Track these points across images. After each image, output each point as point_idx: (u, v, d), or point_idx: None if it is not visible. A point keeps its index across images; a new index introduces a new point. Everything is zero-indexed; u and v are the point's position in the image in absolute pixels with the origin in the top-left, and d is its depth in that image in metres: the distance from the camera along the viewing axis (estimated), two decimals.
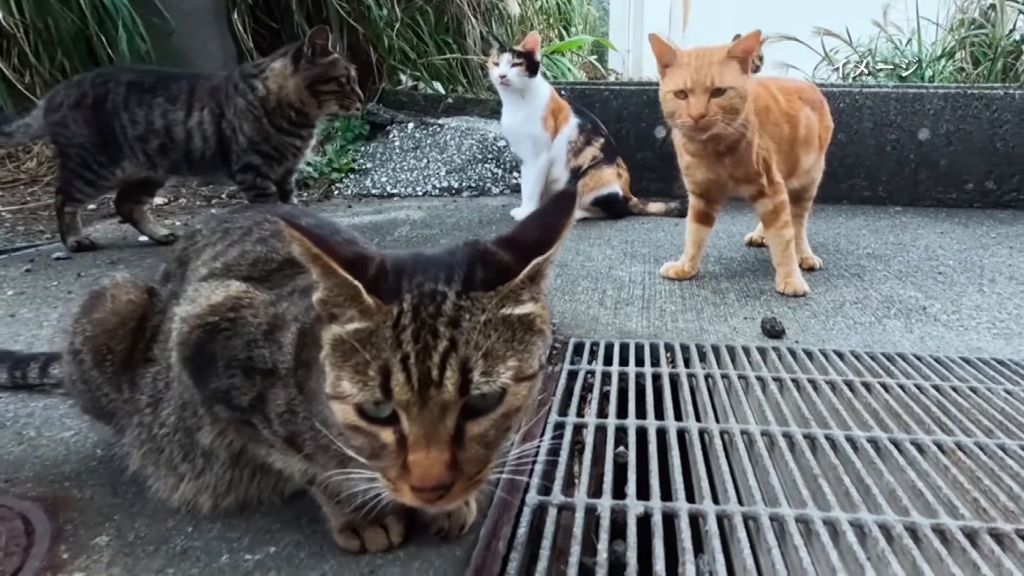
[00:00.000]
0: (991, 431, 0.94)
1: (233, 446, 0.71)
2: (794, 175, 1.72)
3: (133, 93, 1.93)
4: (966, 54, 3.39)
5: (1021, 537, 0.71)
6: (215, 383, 0.64)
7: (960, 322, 1.44)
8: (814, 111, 1.73)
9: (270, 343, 0.61)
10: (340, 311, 0.49)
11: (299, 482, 0.69)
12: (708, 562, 0.69)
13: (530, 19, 4.59)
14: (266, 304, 0.64)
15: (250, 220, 0.78)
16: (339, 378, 0.48)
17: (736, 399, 1.04)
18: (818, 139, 1.76)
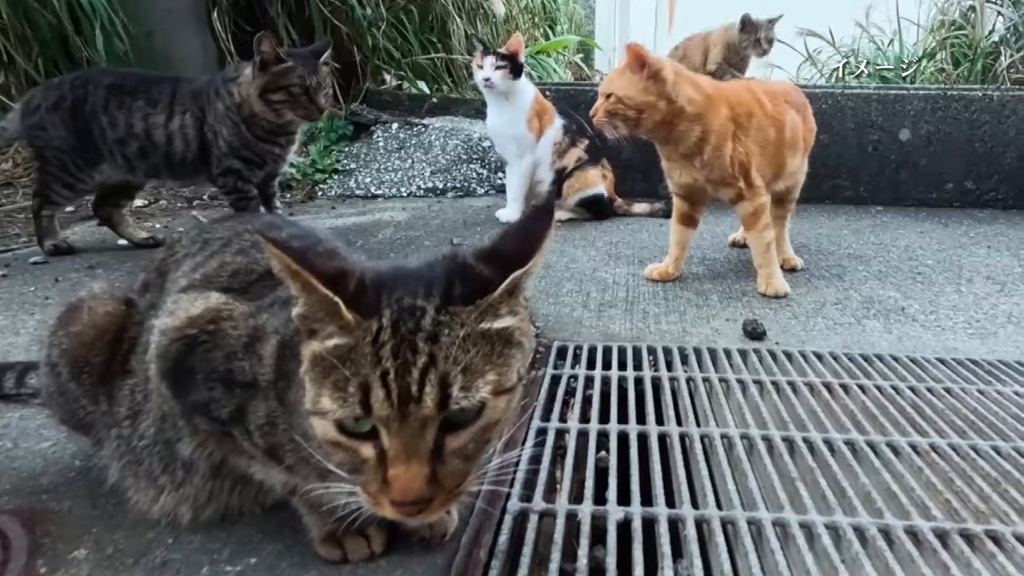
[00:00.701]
0: (964, 432, 0.97)
1: (213, 457, 0.71)
2: (780, 177, 1.75)
3: (113, 96, 1.91)
4: (946, 55, 3.44)
5: (991, 537, 0.73)
6: (195, 396, 0.64)
7: (937, 322, 1.47)
8: (798, 113, 1.76)
9: (250, 355, 0.61)
10: (320, 326, 0.50)
11: (280, 493, 0.70)
12: (687, 567, 0.70)
13: (515, 19, 4.60)
14: (246, 316, 0.64)
15: (230, 231, 0.78)
16: (319, 394, 0.49)
17: (717, 403, 1.06)
18: (802, 141, 1.79)
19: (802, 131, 1.78)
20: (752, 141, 1.61)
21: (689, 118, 1.53)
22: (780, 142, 1.68)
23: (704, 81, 1.62)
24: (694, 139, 1.55)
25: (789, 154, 1.73)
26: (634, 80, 1.50)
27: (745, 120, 1.60)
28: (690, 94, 1.52)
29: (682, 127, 1.54)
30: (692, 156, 1.58)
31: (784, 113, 1.70)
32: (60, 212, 2.08)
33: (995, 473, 0.86)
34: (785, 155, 1.72)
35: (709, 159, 1.56)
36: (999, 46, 3.28)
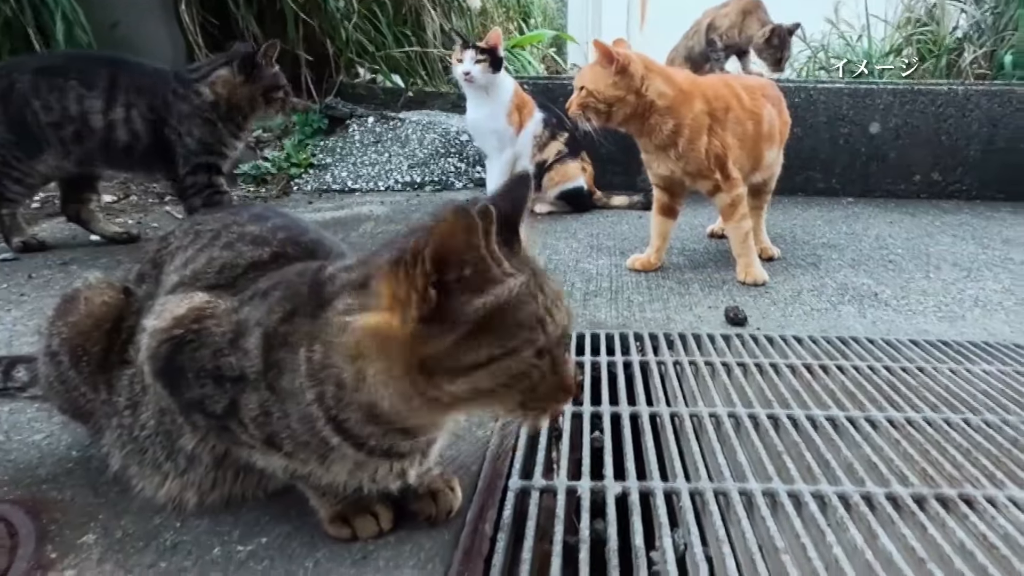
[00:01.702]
0: (937, 407, 1.03)
1: (216, 450, 0.72)
2: (757, 169, 1.81)
3: (42, 79, 1.85)
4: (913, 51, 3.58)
5: (964, 500, 0.79)
6: (188, 394, 0.66)
7: (908, 307, 1.55)
8: (774, 107, 1.82)
9: (236, 350, 0.63)
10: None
11: (283, 478, 0.72)
12: (683, 535, 0.74)
13: (490, 12, 4.62)
14: (228, 312, 0.66)
15: (219, 222, 0.79)
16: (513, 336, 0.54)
17: (704, 384, 1.11)
18: (778, 134, 1.85)
19: (778, 124, 1.84)
20: (729, 134, 1.66)
21: (661, 111, 1.58)
22: (758, 135, 1.74)
23: (679, 75, 1.66)
24: (667, 132, 1.60)
25: (766, 147, 1.79)
26: (603, 74, 1.56)
27: (722, 114, 1.65)
28: (661, 88, 1.57)
29: (654, 120, 1.59)
30: (667, 148, 1.63)
31: (761, 107, 1.75)
32: (21, 208, 2.03)
33: (966, 443, 0.92)
34: (762, 148, 1.77)
35: (684, 151, 1.62)
36: (962, 42, 3.42)
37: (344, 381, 0.58)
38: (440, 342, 0.52)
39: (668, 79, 1.60)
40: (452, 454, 0.87)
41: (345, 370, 0.58)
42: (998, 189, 2.88)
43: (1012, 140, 2.83)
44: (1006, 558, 0.69)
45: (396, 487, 0.69)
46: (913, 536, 0.72)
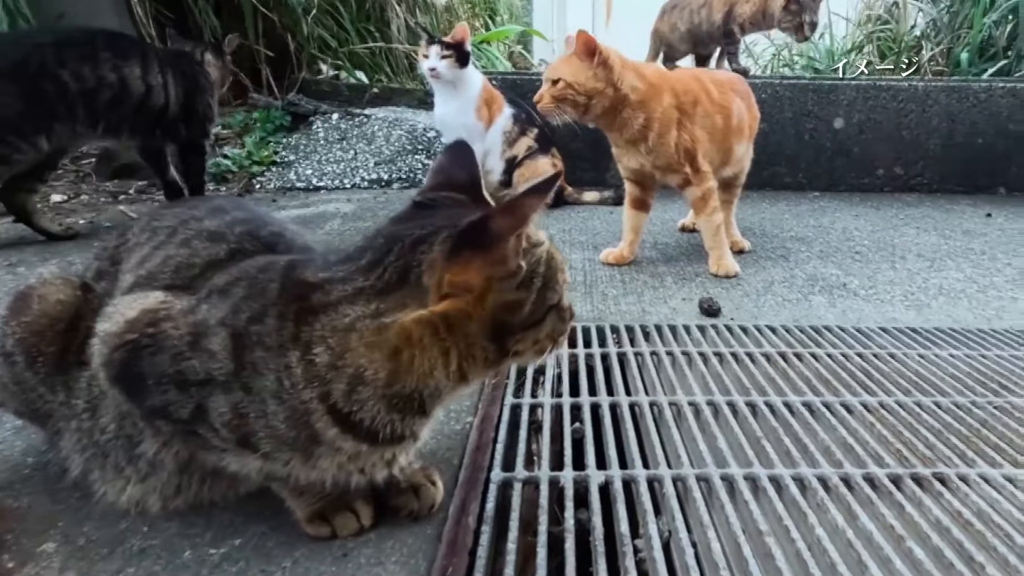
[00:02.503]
0: (908, 391, 1.06)
1: (180, 455, 0.70)
2: (727, 164, 1.84)
3: (67, 50, 1.90)
4: (873, 48, 3.69)
5: (938, 479, 0.81)
6: (150, 400, 0.63)
7: (876, 296, 1.59)
8: (743, 102, 1.86)
9: (198, 352, 0.61)
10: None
11: (257, 480, 0.70)
12: (667, 521, 0.75)
13: (455, 8, 4.61)
14: (184, 313, 0.64)
15: (177, 218, 0.77)
16: (552, 296, 0.63)
17: (681, 373, 1.12)
18: (747, 128, 1.88)
19: (747, 119, 1.87)
20: (698, 128, 1.68)
21: (632, 105, 1.60)
22: (727, 129, 1.77)
23: (649, 70, 1.68)
24: (638, 126, 1.62)
25: (735, 141, 1.82)
26: (583, 67, 1.56)
27: (690, 108, 1.67)
28: (633, 82, 1.59)
29: (626, 114, 1.61)
30: (637, 142, 1.66)
31: (731, 101, 1.79)
32: None
33: (938, 424, 0.95)
34: (732, 142, 1.80)
35: (653, 145, 1.64)
36: (920, 40, 3.54)
37: (367, 378, 0.58)
38: (522, 305, 0.61)
39: (639, 73, 1.62)
40: (432, 447, 0.87)
41: (374, 367, 0.58)
42: (957, 182, 3.00)
43: (969, 135, 2.95)
44: (980, 533, 0.71)
45: (383, 477, 0.68)
46: (891, 515, 0.74)
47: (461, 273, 0.57)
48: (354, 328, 0.58)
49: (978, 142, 2.95)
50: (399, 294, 0.58)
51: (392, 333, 0.58)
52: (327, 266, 0.62)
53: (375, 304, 0.58)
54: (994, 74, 3.17)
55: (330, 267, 0.61)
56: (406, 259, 0.58)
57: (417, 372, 0.59)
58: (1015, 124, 2.92)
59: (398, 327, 0.57)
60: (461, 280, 0.57)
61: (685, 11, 3.21)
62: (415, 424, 0.64)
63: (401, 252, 0.58)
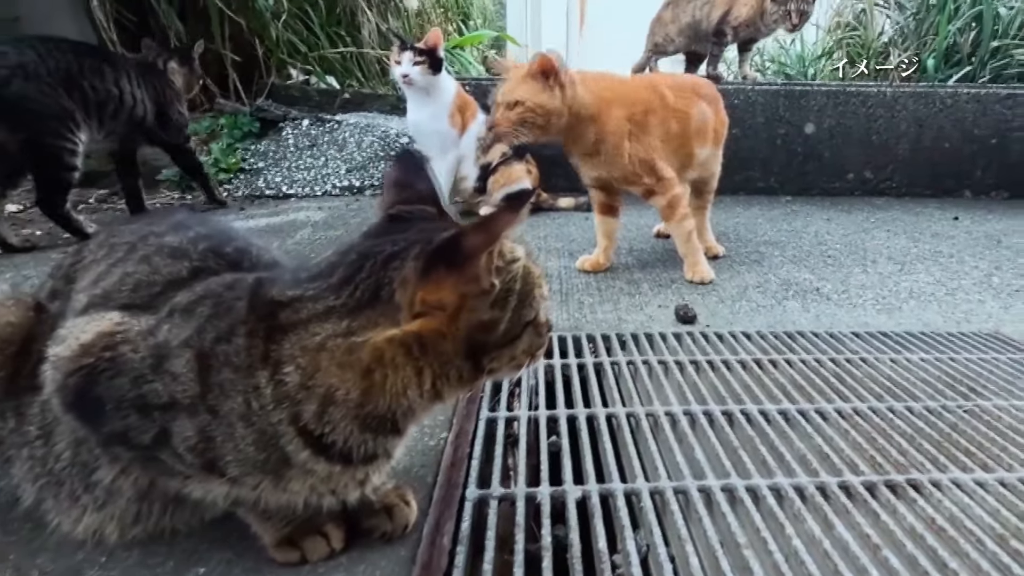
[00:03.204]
0: (881, 396, 1.08)
1: (140, 482, 0.68)
2: (689, 167, 1.84)
3: (85, 60, 2.09)
4: (843, 54, 3.78)
5: (911, 485, 0.82)
6: (108, 427, 0.61)
7: (849, 300, 1.62)
8: (709, 106, 1.86)
9: (161, 375, 0.59)
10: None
11: (223, 506, 0.68)
12: (646, 536, 0.75)
13: (427, 12, 4.60)
14: (143, 335, 0.61)
15: (135, 234, 0.74)
16: (530, 311, 0.63)
17: (658, 383, 1.12)
18: (713, 133, 1.88)
19: (713, 123, 1.87)
20: (654, 136, 1.69)
21: (584, 120, 1.61)
22: (685, 133, 1.77)
23: (601, 83, 1.67)
24: (591, 140, 1.63)
25: (697, 144, 1.81)
26: (539, 87, 1.54)
27: (642, 117, 1.67)
28: (584, 98, 1.59)
29: (579, 130, 1.62)
30: (592, 156, 1.67)
31: (691, 105, 1.78)
32: None
33: (910, 430, 0.96)
34: (692, 146, 1.80)
35: (607, 159, 1.65)
36: (888, 47, 3.63)
37: (339, 398, 0.57)
38: (497, 324, 0.60)
39: (590, 88, 1.62)
40: (406, 465, 0.85)
41: (346, 387, 0.57)
42: (925, 186, 3.07)
43: (936, 139, 3.02)
44: (953, 539, 0.72)
45: (355, 498, 0.67)
46: (867, 523, 0.75)
47: (434, 292, 0.56)
48: (325, 347, 0.57)
49: (945, 146, 3.03)
50: (371, 312, 0.57)
51: (364, 352, 0.57)
52: (296, 283, 0.60)
53: (346, 322, 0.57)
54: (959, 80, 3.27)
55: (300, 284, 0.60)
56: (378, 276, 0.57)
57: (390, 392, 0.58)
58: (980, 129, 3.01)
59: (370, 346, 0.57)
60: (434, 299, 0.56)
61: (690, 5, 3.19)
62: (388, 443, 0.63)
63: (373, 269, 0.57)
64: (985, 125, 3.01)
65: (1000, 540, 0.73)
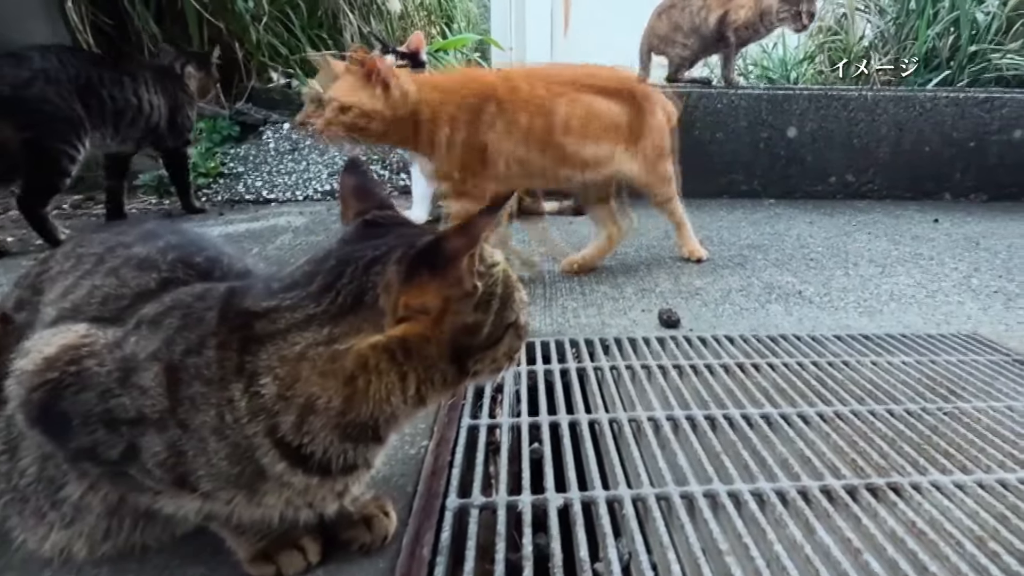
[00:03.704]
0: (862, 399, 1.09)
1: (109, 498, 0.66)
2: (566, 165, 1.69)
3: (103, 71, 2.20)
4: (824, 58, 3.83)
5: (892, 488, 0.83)
6: (75, 442, 0.60)
7: (831, 303, 1.63)
8: (623, 102, 1.72)
9: (129, 389, 0.58)
10: None
11: (195, 521, 0.67)
12: (627, 544, 0.75)
13: (410, 16, 4.59)
14: (110, 347, 0.60)
15: (103, 245, 0.73)
16: (510, 315, 0.63)
17: (640, 388, 1.12)
18: (619, 130, 1.72)
19: (621, 119, 1.72)
20: (496, 133, 1.57)
21: (417, 122, 1.53)
22: (548, 128, 1.63)
23: (429, 80, 1.61)
24: (424, 139, 1.55)
25: (575, 142, 1.66)
26: (360, 87, 1.47)
27: (471, 112, 1.56)
28: (412, 96, 1.51)
29: (408, 130, 1.54)
30: (427, 155, 1.60)
31: (557, 99, 1.64)
32: None
33: (891, 433, 0.97)
34: (562, 142, 1.65)
35: (440, 156, 1.57)
36: (868, 50, 3.68)
37: (319, 407, 0.57)
38: (480, 326, 0.60)
39: (416, 86, 1.53)
40: (385, 474, 0.84)
41: (327, 396, 0.57)
42: (905, 189, 3.12)
43: (916, 143, 3.07)
44: (933, 542, 0.73)
45: (334, 509, 0.66)
46: (848, 527, 0.75)
47: (418, 296, 0.56)
48: (306, 356, 0.56)
49: (925, 150, 3.08)
50: (354, 318, 0.56)
51: (348, 360, 0.56)
52: (271, 294, 0.59)
53: (328, 329, 0.56)
54: (938, 84, 3.32)
55: (275, 295, 0.59)
56: (360, 282, 0.57)
57: (373, 398, 0.58)
58: (959, 132, 3.06)
59: (354, 353, 0.56)
60: (418, 303, 0.56)
61: (686, 11, 3.13)
62: (368, 452, 0.63)
63: (355, 274, 0.57)
64: (964, 128, 3.06)
65: (979, 542, 0.74)
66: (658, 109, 1.83)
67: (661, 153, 1.84)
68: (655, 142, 1.81)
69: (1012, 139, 3.07)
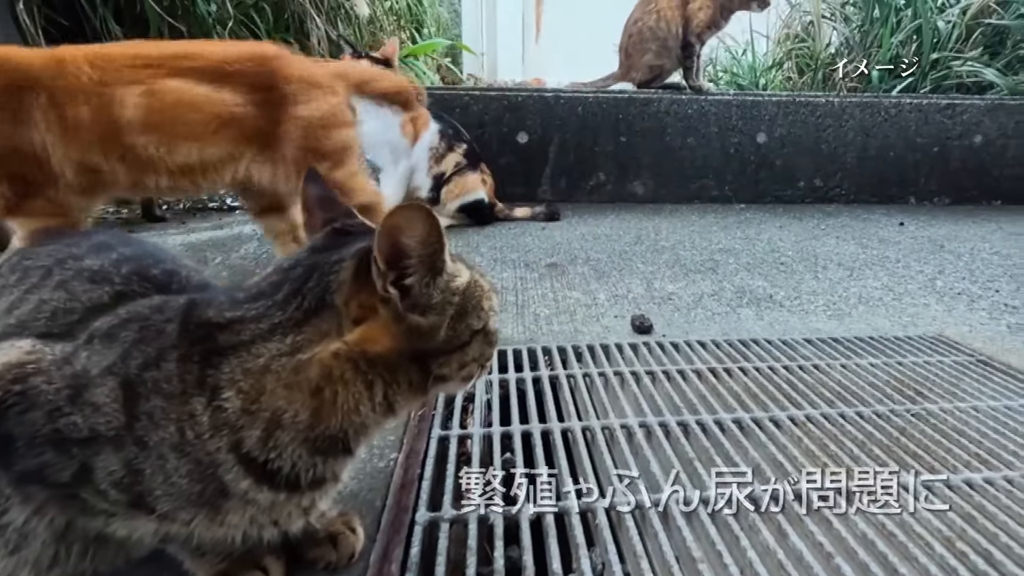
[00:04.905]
0: (832, 402, 1.11)
1: (56, 523, 0.64)
2: (171, 175, 1.40)
3: None
4: (792, 65, 3.91)
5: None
6: (20, 465, 0.57)
7: (801, 307, 1.66)
8: (238, 88, 1.39)
9: (80, 407, 0.56)
10: None
11: (151, 544, 0.64)
12: (600, 554, 0.74)
13: (380, 20, 4.57)
14: (59, 364, 0.58)
15: (51, 257, 0.70)
16: (486, 317, 0.63)
17: (614, 395, 1.13)
18: (238, 125, 1.40)
19: (249, 113, 1.40)
20: (50, 132, 1.28)
21: None
22: (111, 125, 1.31)
23: None
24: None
25: (151, 141, 1.35)
26: None
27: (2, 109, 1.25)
28: None
29: None
30: None
31: (129, 85, 1.32)
32: None
33: (861, 435, 0.99)
34: (134, 143, 1.34)
35: None
36: (835, 57, 3.78)
37: (286, 421, 0.56)
38: (436, 329, 0.59)
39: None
40: (353, 489, 0.83)
41: (294, 409, 0.56)
42: (872, 193, 3.20)
43: (882, 148, 3.15)
44: (903, 544, 0.74)
45: (299, 527, 0.64)
46: (820, 532, 0.76)
47: (370, 293, 0.56)
48: (269, 368, 0.55)
49: (890, 155, 3.16)
50: (317, 321, 0.56)
51: (312, 371, 0.55)
52: (235, 304, 0.58)
53: (291, 338, 0.56)
54: (902, 90, 3.41)
55: (239, 305, 0.58)
56: (325, 283, 0.57)
57: (341, 409, 0.57)
58: (922, 137, 3.15)
59: (317, 363, 0.55)
60: (370, 302, 0.56)
61: (652, 15, 3.08)
62: (337, 465, 0.61)
63: (320, 278, 0.57)
64: (927, 134, 3.15)
65: (947, 543, 0.75)
66: (319, 96, 1.46)
67: (318, 157, 1.46)
68: (309, 143, 1.45)
69: (973, 144, 3.17)
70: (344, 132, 1.51)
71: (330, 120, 1.48)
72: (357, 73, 1.60)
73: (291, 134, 1.44)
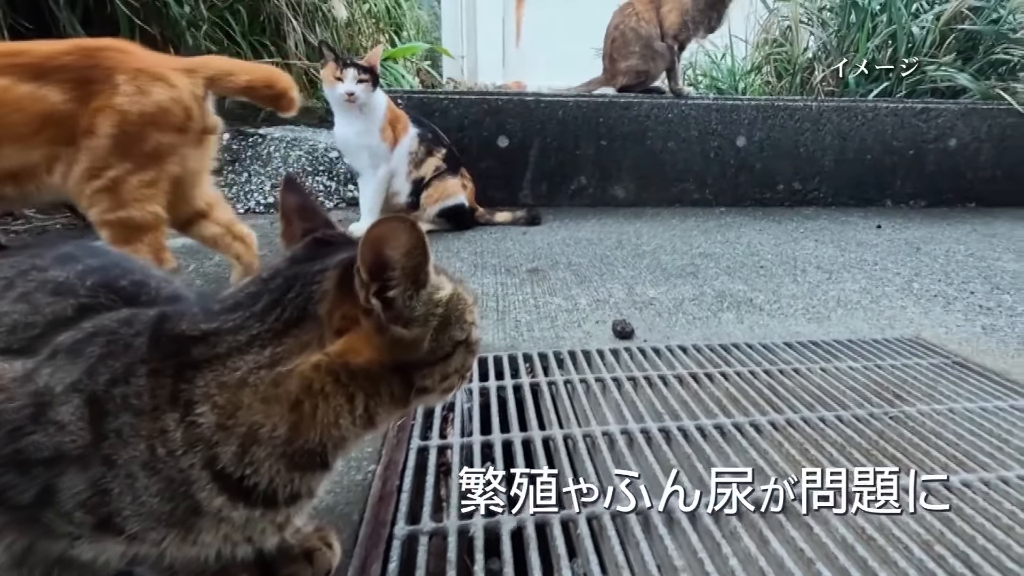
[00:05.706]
0: (812, 406, 1.12)
1: (15, 547, 0.62)
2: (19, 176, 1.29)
3: None
4: (771, 69, 3.96)
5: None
6: None
7: (781, 310, 1.68)
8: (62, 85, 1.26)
9: (43, 425, 0.54)
10: None
11: (118, 566, 0.63)
12: (582, 564, 0.74)
13: (358, 23, 4.55)
14: (19, 381, 0.56)
15: (14, 269, 0.68)
16: (466, 329, 0.63)
17: (595, 401, 1.13)
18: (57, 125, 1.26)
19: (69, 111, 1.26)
20: None
21: None
22: None
23: None
24: None
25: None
26: None
27: None
28: None
29: None
30: None
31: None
32: None
33: (840, 439, 1.00)
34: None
35: None
36: (812, 62, 3.83)
37: (263, 436, 0.54)
38: (419, 341, 0.58)
39: None
40: (329, 503, 0.82)
41: (272, 423, 0.55)
42: (849, 196, 3.25)
43: (859, 152, 3.20)
44: (882, 548, 0.75)
45: (274, 543, 0.63)
46: (800, 537, 0.77)
47: (353, 304, 0.55)
48: (246, 382, 0.54)
49: (867, 158, 3.21)
50: (299, 332, 0.55)
51: (291, 383, 0.54)
52: (211, 316, 0.57)
53: (270, 350, 0.54)
54: (878, 95, 3.47)
55: (215, 317, 0.57)
56: (307, 293, 0.56)
57: (321, 423, 0.56)
58: (898, 141, 3.21)
59: (297, 375, 0.54)
60: (352, 313, 0.55)
61: (632, 17, 3.07)
62: (314, 480, 0.60)
63: (302, 288, 0.56)
64: (903, 138, 3.21)
65: (926, 546, 0.76)
66: (152, 90, 1.32)
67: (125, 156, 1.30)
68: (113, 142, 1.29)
69: (948, 147, 3.24)
70: (167, 137, 1.35)
71: (154, 118, 1.32)
72: (214, 65, 1.46)
73: (95, 132, 1.27)
